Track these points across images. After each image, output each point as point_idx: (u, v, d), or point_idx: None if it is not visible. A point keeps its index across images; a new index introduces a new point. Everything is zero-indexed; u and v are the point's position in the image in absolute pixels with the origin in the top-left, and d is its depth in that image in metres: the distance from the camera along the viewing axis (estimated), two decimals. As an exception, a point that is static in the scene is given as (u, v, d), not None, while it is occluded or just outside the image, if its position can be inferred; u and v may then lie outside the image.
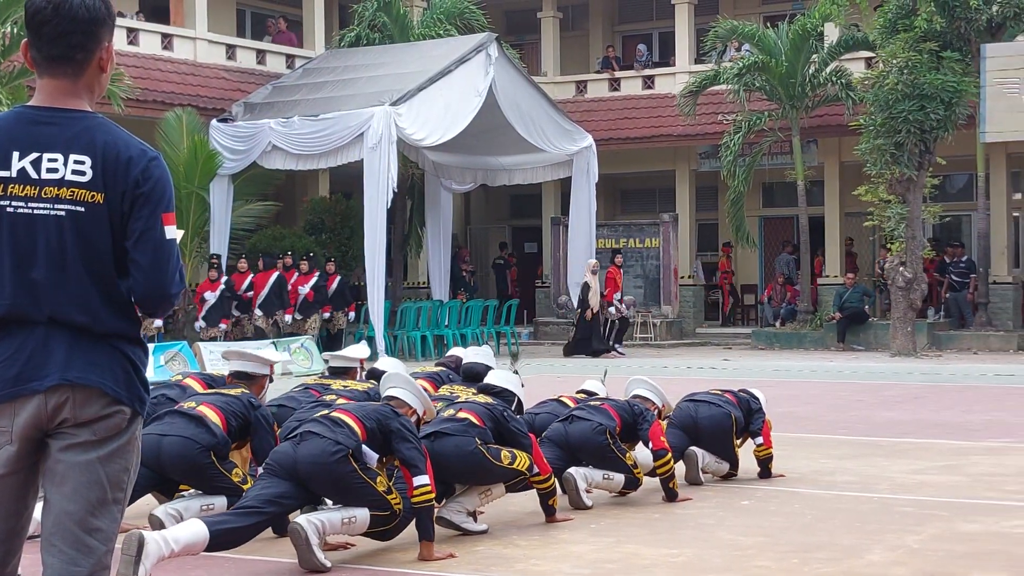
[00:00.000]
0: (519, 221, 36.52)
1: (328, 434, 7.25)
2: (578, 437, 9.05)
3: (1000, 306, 28.41)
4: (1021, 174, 30.47)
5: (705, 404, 10.13)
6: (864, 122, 25.21)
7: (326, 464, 7.19)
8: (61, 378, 3.65)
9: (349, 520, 7.28)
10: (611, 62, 34.37)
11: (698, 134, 30.60)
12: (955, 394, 17.94)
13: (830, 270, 30.51)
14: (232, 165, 25.12)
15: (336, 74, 26.79)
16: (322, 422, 7.37)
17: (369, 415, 7.46)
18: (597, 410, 9.21)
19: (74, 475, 3.66)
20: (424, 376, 9.98)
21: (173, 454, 7.81)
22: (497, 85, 25.69)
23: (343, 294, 25.36)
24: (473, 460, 7.96)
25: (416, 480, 7.28)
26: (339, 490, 7.31)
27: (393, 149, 23.77)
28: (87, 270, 3.69)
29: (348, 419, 7.38)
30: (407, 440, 7.39)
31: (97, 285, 3.70)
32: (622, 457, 9.08)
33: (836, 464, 11.11)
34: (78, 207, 3.68)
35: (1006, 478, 10.31)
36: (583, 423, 9.08)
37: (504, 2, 34.82)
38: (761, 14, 34.04)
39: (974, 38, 25.06)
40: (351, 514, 7.28)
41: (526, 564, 7.35)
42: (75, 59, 3.73)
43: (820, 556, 7.46)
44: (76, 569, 3.65)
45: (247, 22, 33.01)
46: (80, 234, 3.68)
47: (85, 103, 3.78)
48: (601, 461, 9.11)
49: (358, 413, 7.47)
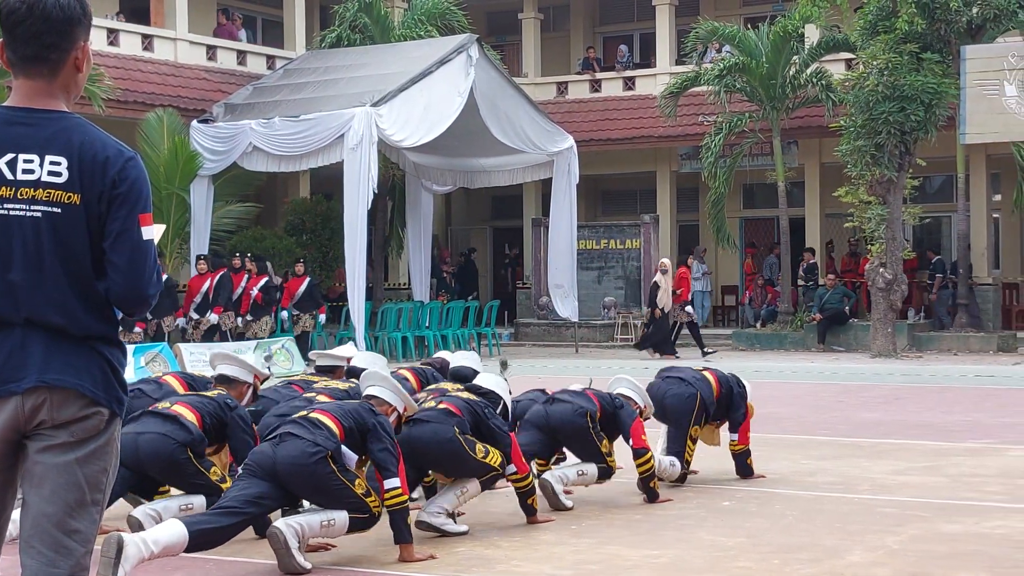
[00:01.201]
0: (500, 222, 36.53)
1: (307, 435, 7.23)
2: (558, 419, 9.07)
3: (980, 307, 28.49)
4: (1001, 175, 30.56)
5: (676, 381, 10.05)
6: (844, 123, 25.26)
7: (305, 465, 7.17)
8: (38, 380, 3.63)
9: (328, 523, 7.26)
10: (592, 63, 34.40)
11: (679, 135, 30.65)
12: (935, 395, 17.99)
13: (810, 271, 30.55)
14: (212, 166, 25.08)
15: (317, 75, 26.76)
16: (301, 423, 7.35)
17: (347, 414, 7.44)
18: (578, 394, 9.22)
19: (52, 476, 3.65)
20: (408, 368, 10.00)
21: (150, 451, 7.77)
22: (478, 86, 25.68)
23: (312, 295, 25.16)
24: (449, 448, 7.97)
25: (387, 483, 7.27)
26: (318, 491, 7.29)
27: (374, 150, 23.75)
28: (64, 271, 3.67)
29: (327, 419, 7.36)
30: (380, 440, 7.37)
31: (74, 286, 3.68)
32: (598, 443, 9.08)
33: (817, 465, 11.13)
34: (54, 208, 3.66)
35: (986, 479, 10.34)
36: (564, 405, 9.10)
37: (485, 3, 34.81)
38: (742, 15, 34.11)
39: (954, 40, 25.12)
40: (330, 517, 7.26)
41: (508, 565, 7.34)
42: (50, 59, 3.71)
43: (801, 557, 7.46)
44: (55, 571, 3.63)
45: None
46: (57, 235, 3.66)
47: (61, 103, 3.76)
48: (578, 445, 9.14)
49: (336, 413, 7.45)
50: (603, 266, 30.41)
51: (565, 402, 9.13)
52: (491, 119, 26.32)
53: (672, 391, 9.96)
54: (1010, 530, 8.26)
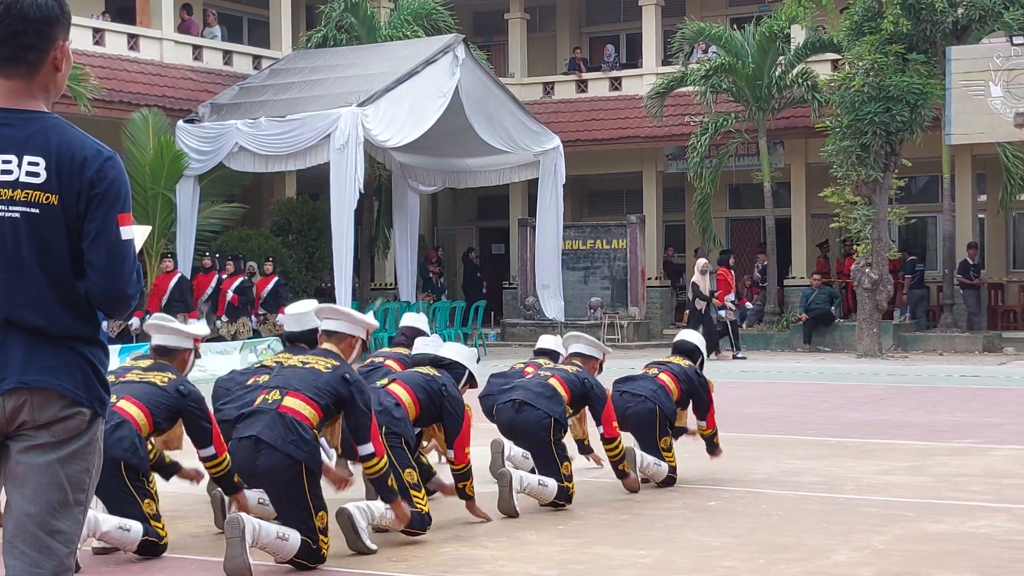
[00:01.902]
0: (486, 222, 36.50)
1: (280, 444, 7.17)
2: (521, 426, 9.18)
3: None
4: (986, 176, 30.62)
5: (632, 397, 10.01)
6: (830, 124, 25.29)
7: (282, 480, 7.22)
8: (18, 381, 3.62)
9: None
10: (578, 63, 34.39)
11: (665, 136, 30.64)
12: (921, 395, 18.02)
13: (796, 271, 30.61)
14: (198, 166, 25.01)
15: (303, 75, 26.72)
16: (275, 425, 7.23)
17: (322, 391, 7.35)
18: (547, 396, 9.17)
19: (34, 477, 3.64)
20: (393, 358, 10.00)
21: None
22: (464, 86, 25.67)
23: (277, 296, 24.79)
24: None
25: (361, 449, 7.32)
26: (286, 503, 7.32)
27: (360, 150, 23.72)
28: (43, 272, 3.66)
29: (301, 404, 7.28)
30: (356, 406, 7.36)
31: (54, 287, 3.67)
32: (559, 462, 9.06)
33: (803, 465, 11.14)
34: (33, 209, 3.65)
35: (971, 479, 10.36)
36: (531, 412, 9.10)
37: (471, 3, 34.80)
38: (728, 16, 34.12)
39: (939, 40, 25.16)
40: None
41: (493, 565, 7.34)
42: (28, 59, 3.69)
43: (787, 556, 7.47)
44: (38, 571, 3.62)
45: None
46: (35, 236, 3.65)
47: (40, 103, 3.74)
48: (540, 456, 9.15)
49: (310, 393, 7.34)
50: (589, 266, 30.38)
51: (532, 408, 9.11)
52: (477, 119, 26.30)
53: (631, 409, 9.93)
54: (995, 529, 8.27)
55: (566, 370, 9.50)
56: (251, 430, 7.27)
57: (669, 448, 10.01)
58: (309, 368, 7.47)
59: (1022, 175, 27.92)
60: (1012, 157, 27.59)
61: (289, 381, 7.43)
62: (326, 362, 7.50)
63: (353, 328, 7.79)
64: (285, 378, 7.51)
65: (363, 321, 7.88)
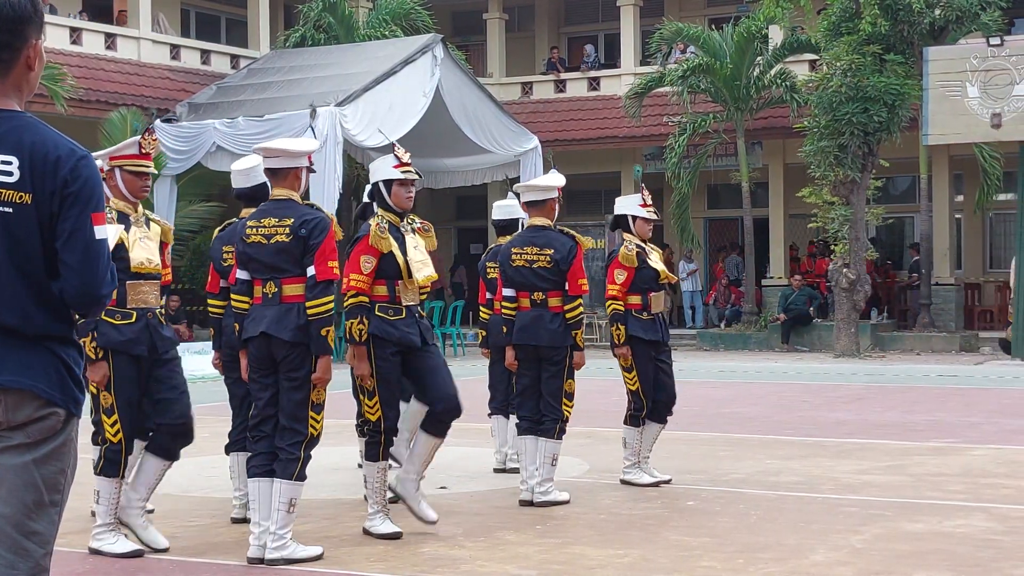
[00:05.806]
0: (464, 222, 36.48)
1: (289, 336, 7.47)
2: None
3: (942, 307, 28.66)
4: (963, 176, 30.74)
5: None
6: (808, 124, 25.36)
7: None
8: (-8, 382, 3.60)
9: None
10: (556, 64, 34.40)
11: (643, 136, 30.69)
12: (899, 395, 18.06)
13: (774, 271, 30.66)
14: (176, 166, 24.94)
15: (281, 74, 26.68)
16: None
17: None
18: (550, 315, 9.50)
19: (9, 478, 3.62)
20: None
21: None
22: (443, 86, 25.66)
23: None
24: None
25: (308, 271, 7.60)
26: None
27: (339, 150, 23.68)
28: (17, 271, 3.63)
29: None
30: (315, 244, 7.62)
31: (28, 286, 3.65)
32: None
33: (781, 464, 11.15)
34: (6, 208, 3.62)
35: (949, 478, 10.38)
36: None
37: (450, 3, 34.79)
38: (706, 16, 34.18)
39: (917, 41, 25.24)
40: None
41: (472, 565, 7.32)
42: (1, 59, 3.67)
43: (765, 556, 7.47)
44: (13, 572, 3.60)
45: (192, 22, 32.83)
46: (9, 235, 3.63)
47: (13, 103, 3.72)
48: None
49: (297, 271, 7.81)
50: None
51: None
52: (459, 119, 26.28)
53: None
54: (972, 529, 8.29)
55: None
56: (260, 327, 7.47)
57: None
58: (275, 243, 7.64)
59: (999, 175, 28.06)
60: (989, 157, 27.70)
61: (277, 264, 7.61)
62: (283, 228, 7.63)
63: (294, 160, 7.77)
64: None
65: (301, 151, 7.83)
